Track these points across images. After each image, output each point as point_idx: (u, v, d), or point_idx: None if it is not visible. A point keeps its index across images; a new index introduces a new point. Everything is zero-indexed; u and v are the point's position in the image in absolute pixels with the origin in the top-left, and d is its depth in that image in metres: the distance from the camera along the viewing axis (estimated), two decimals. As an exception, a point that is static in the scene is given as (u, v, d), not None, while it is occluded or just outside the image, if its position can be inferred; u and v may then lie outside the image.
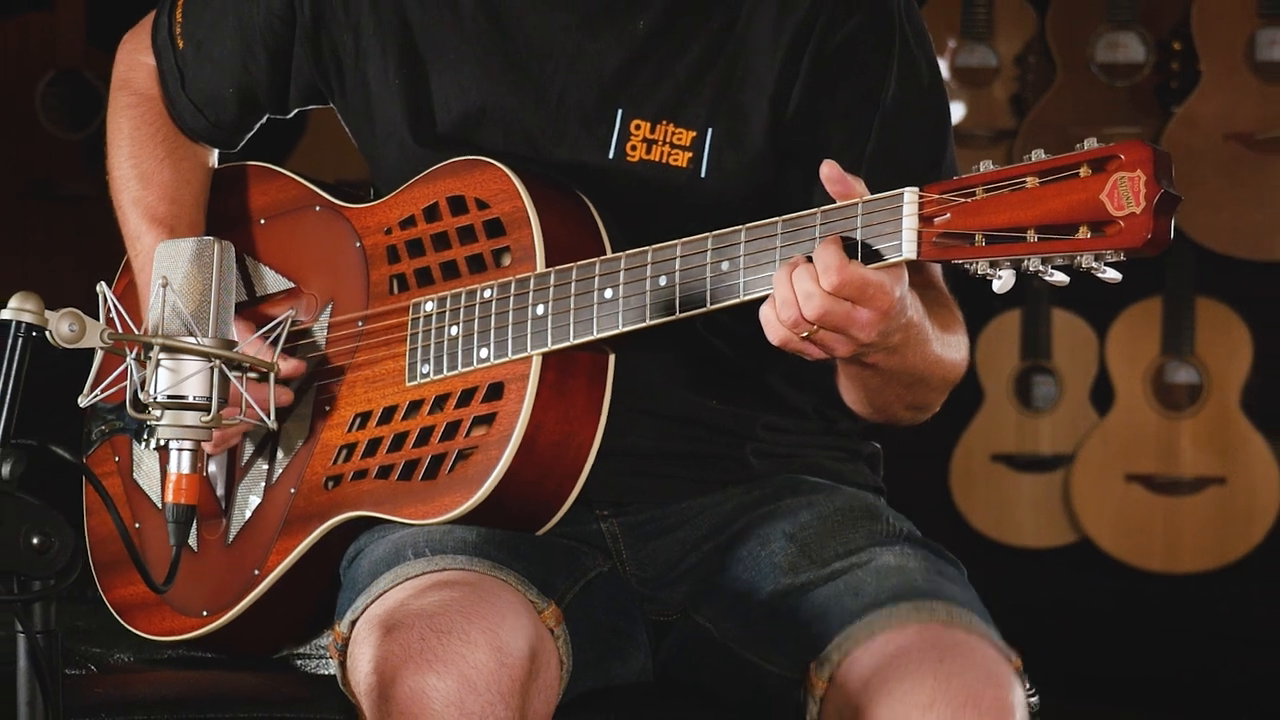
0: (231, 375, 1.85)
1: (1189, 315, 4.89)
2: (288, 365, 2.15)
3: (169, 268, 1.86)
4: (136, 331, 1.83)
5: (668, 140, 2.10)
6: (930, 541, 2.09)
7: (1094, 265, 1.73)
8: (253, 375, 1.99)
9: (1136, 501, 4.92)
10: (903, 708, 1.84)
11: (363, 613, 1.97)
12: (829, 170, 1.86)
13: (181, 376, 1.83)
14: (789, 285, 1.84)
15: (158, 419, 1.83)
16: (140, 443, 2.26)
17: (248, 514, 2.20)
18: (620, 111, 2.10)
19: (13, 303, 1.74)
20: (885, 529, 2.09)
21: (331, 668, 2.08)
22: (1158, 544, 4.91)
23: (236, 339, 2.04)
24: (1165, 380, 4.92)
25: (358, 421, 2.13)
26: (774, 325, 1.87)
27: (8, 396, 1.74)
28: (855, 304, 1.83)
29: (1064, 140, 1.80)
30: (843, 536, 2.07)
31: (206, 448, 1.89)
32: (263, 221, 2.29)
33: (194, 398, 1.83)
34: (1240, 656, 4.96)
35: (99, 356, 2.19)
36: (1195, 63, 4.84)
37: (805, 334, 1.85)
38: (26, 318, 1.74)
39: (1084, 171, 1.73)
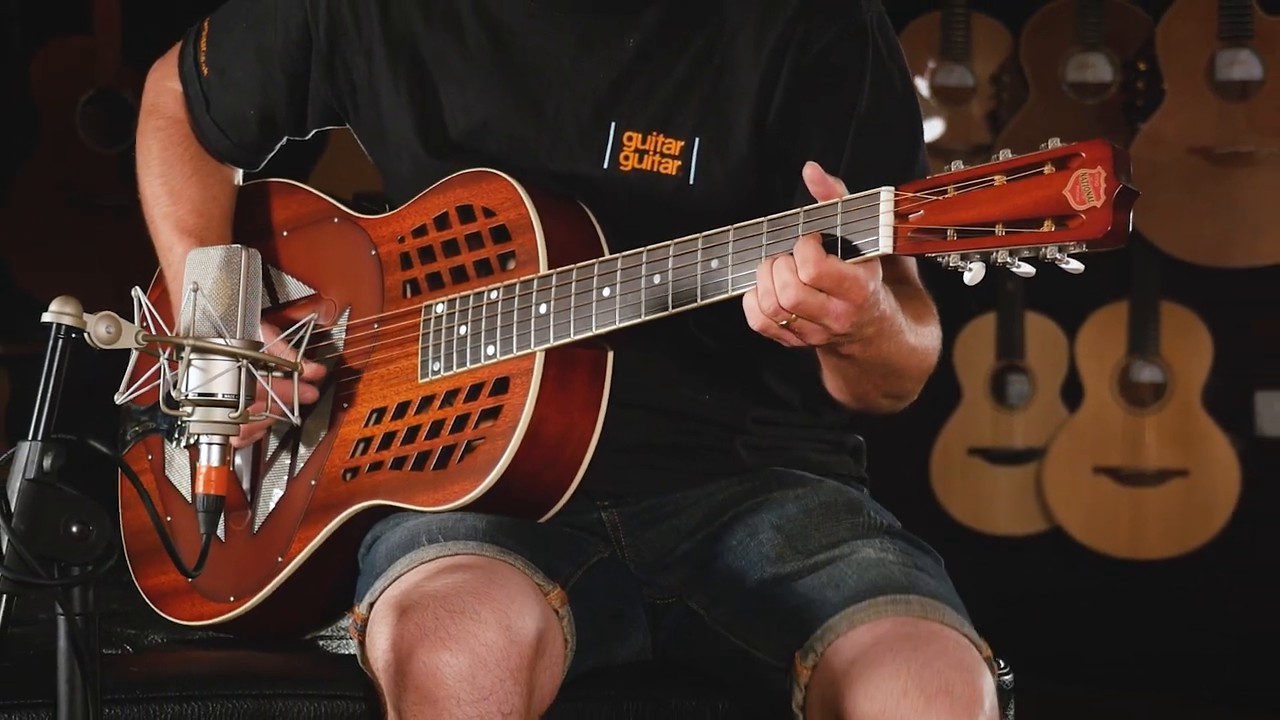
0: (258, 374, 1.86)
1: (1154, 318, 4.89)
2: (310, 368, 2.15)
3: (200, 274, 1.87)
4: (169, 334, 1.84)
5: (658, 150, 2.10)
6: (909, 534, 2.09)
7: (1058, 256, 1.74)
8: (278, 374, 2.00)
9: (1104, 492, 4.92)
10: (881, 694, 1.84)
11: (380, 595, 1.97)
12: (811, 172, 1.87)
13: (211, 375, 1.84)
14: (770, 276, 1.85)
15: (189, 415, 1.84)
16: (172, 442, 2.27)
17: (271, 505, 2.20)
18: (613, 124, 2.11)
19: (53, 306, 1.75)
20: (867, 522, 2.09)
21: (352, 648, 2.08)
22: (1124, 532, 4.91)
23: (263, 340, 2.05)
24: (1131, 379, 4.92)
25: (374, 417, 2.14)
26: (755, 313, 1.87)
27: (49, 394, 1.74)
28: (831, 295, 1.83)
29: (1035, 154, 1.80)
30: (827, 529, 2.07)
31: (233, 441, 1.90)
32: (285, 234, 2.29)
33: (223, 395, 1.84)
34: (1201, 637, 4.96)
35: (134, 357, 2.20)
36: (1159, 82, 4.84)
37: (783, 322, 1.86)
38: (66, 320, 1.75)
39: (1048, 169, 1.73)
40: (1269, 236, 4.74)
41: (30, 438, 1.72)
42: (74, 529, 1.71)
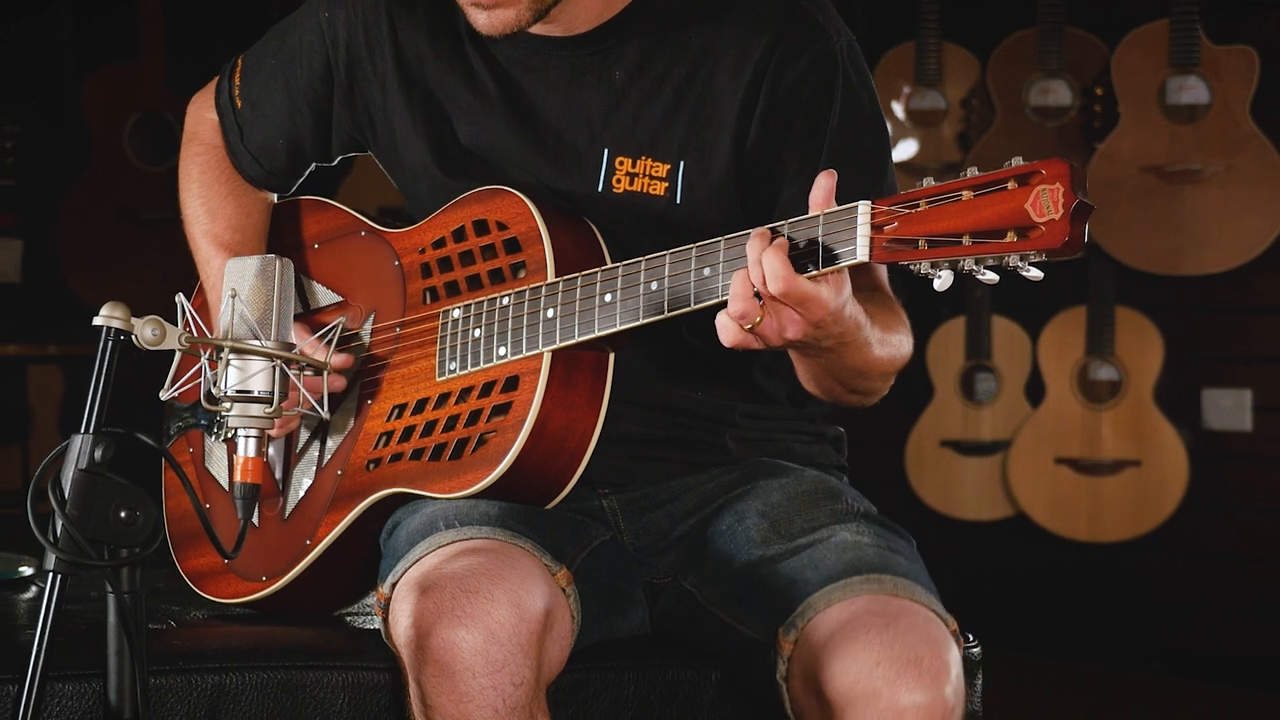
0: (291, 373, 1.86)
1: (1109, 321, 4.89)
2: (340, 358, 2.16)
3: (237, 281, 1.87)
4: (209, 336, 1.84)
5: (647, 173, 2.10)
6: (884, 519, 2.09)
7: (1019, 264, 1.74)
8: (308, 372, 2.00)
9: (1064, 481, 4.92)
10: (855, 665, 1.84)
11: (402, 576, 1.97)
12: (828, 181, 1.84)
13: (248, 374, 1.84)
14: (743, 283, 1.83)
15: (228, 411, 1.84)
16: (211, 436, 2.27)
17: (301, 493, 2.20)
18: (606, 150, 2.10)
19: (103, 311, 1.75)
20: (845, 509, 2.08)
21: (376, 623, 2.08)
22: (1082, 517, 4.91)
23: (295, 342, 2.05)
24: (1089, 377, 4.92)
25: (395, 412, 2.14)
26: (725, 323, 1.86)
27: (99, 391, 1.74)
28: (792, 309, 1.83)
29: (1001, 172, 1.79)
30: (808, 514, 2.06)
31: (271, 431, 1.90)
32: (316, 246, 2.29)
33: (258, 392, 1.84)
34: (1152, 612, 4.97)
35: (177, 357, 2.20)
36: (1115, 106, 4.84)
37: (749, 326, 1.85)
38: (115, 324, 1.75)
39: (1011, 185, 1.73)
40: (1215, 247, 4.74)
41: (82, 431, 1.73)
42: (122, 515, 1.71)
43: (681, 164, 2.08)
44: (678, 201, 2.08)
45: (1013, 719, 4.25)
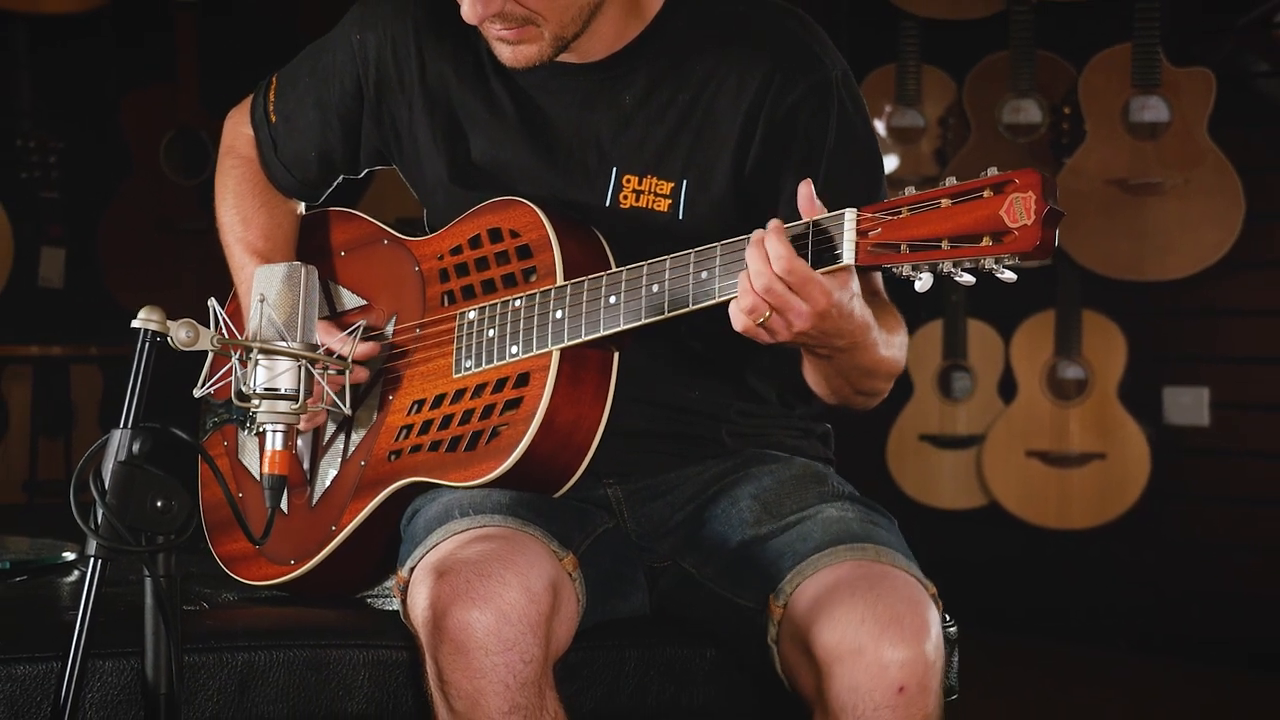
0: (315, 372, 1.86)
1: (1077, 324, 4.89)
2: (365, 346, 2.16)
3: (265, 286, 1.87)
4: (240, 337, 1.84)
5: (652, 190, 2.10)
6: (867, 499, 2.09)
7: (994, 267, 1.74)
8: (332, 371, 2.00)
9: (1035, 473, 4.92)
10: (841, 624, 1.85)
11: (419, 560, 1.98)
12: (806, 189, 1.85)
13: (275, 373, 1.84)
14: (755, 259, 1.83)
15: (256, 407, 1.84)
16: (244, 430, 2.27)
17: (327, 483, 2.20)
18: (614, 169, 2.10)
19: (141, 314, 1.75)
20: (831, 490, 2.09)
21: (395, 605, 2.08)
22: (1052, 506, 4.91)
23: (320, 343, 2.05)
24: (1058, 376, 4.92)
25: (415, 407, 2.14)
26: (736, 314, 1.86)
27: (137, 389, 1.74)
28: (794, 292, 1.82)
29: (976, 184, 1.79)
30: (797, 496, 2.07)
31: (301, 425, 1.90)
32: (342, 254, 2.29)
33: (285, 390, 1.84)
34: (1117, 594, 4.97)
35: (210, 357, 2.20)
36: (1082, 123, 4.84)
37: (760, 320, 1.84)
38: (152, 326, 1.75)
39: (987, 193, 1.73)
40: (1175, 255, 4.74)
41: (121, 426, 1.73)
42: (158, 504, 1.71)
43: (684, 182, 2.08)
44: (680, 217, 2.08)
45: (987, 694, 4.25)
